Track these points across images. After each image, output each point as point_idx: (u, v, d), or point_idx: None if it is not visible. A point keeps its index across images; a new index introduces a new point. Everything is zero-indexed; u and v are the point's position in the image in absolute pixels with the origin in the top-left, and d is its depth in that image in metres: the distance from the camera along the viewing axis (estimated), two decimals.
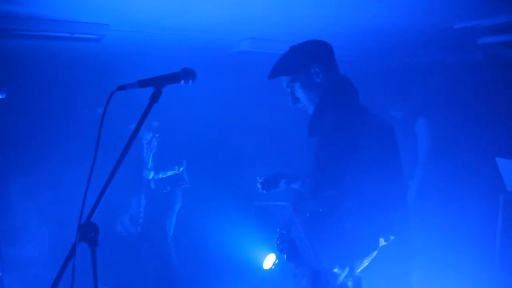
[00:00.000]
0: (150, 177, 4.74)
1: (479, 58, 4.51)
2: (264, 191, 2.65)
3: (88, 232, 1.60)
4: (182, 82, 1.84)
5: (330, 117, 2.42)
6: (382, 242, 2.33)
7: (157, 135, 4.71)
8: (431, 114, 4.27)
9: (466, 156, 4.36)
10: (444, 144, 4.25)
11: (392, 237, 2.33)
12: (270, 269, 4.91)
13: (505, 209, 4.09)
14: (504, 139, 4.19)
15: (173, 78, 1.82)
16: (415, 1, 3.07)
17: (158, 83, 1.77)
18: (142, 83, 1.75)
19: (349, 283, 2.38)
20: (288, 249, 2.56)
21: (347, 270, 2.32)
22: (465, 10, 3.28)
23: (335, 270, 2.30)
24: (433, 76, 4.71)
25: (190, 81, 1.85)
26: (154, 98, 1.76)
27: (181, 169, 4.91)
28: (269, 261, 4.93)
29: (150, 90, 1.77)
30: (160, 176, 4.79)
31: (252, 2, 3.15)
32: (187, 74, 1.84)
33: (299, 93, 2.48)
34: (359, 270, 2.39)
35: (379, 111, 2.56)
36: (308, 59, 2.45)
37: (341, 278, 2.32)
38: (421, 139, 4.24)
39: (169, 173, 4.84)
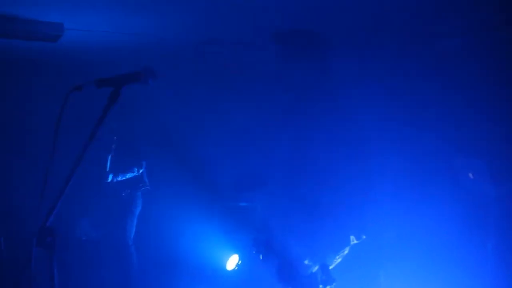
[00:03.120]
0: (109, 179, 4.66)
1: (437, 58, 4.61)
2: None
3: (45, 237, 1.56)
4: (142, 82, 1.80)
5: (305, 114, 2.47)
6: (353, 240, 2.38)
7: (115, 137, 4.63)
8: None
9: (426, 155, 4.45)
10: (407, 144, 4.33)
11: (364, 237, 2.37)
12: (233, 270, 4.91)
13: (464, 207, 4.20)
14: (463, 138, 4.30)
15: (132, 77, 1.77)
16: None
17: (116, 83, 1.73)
18: (100, 83, 1.71)
19: (319, 274, 2.41)
20: (263, 248, 2.58)
21: (318, 264, 2.36)
22: (423, 11, 3.36)
23: (306, 262, 2.34)
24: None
25: (150, 81, 1.81)
26: (113, 99, 1.72)
27: (141, 171, 4.85)
28: (232, 262, 4.92)
29: (108, 91, 1.73)
30: (119, 178, 4.72)
31: (213, 3, 3.14)
32: (147, 73, 1.80)
33: None
34: (332, 267, 2.43)
35: None
36: None
37: (312, 270, 2.35)
38: None
39: (129, 176, 4.76)
